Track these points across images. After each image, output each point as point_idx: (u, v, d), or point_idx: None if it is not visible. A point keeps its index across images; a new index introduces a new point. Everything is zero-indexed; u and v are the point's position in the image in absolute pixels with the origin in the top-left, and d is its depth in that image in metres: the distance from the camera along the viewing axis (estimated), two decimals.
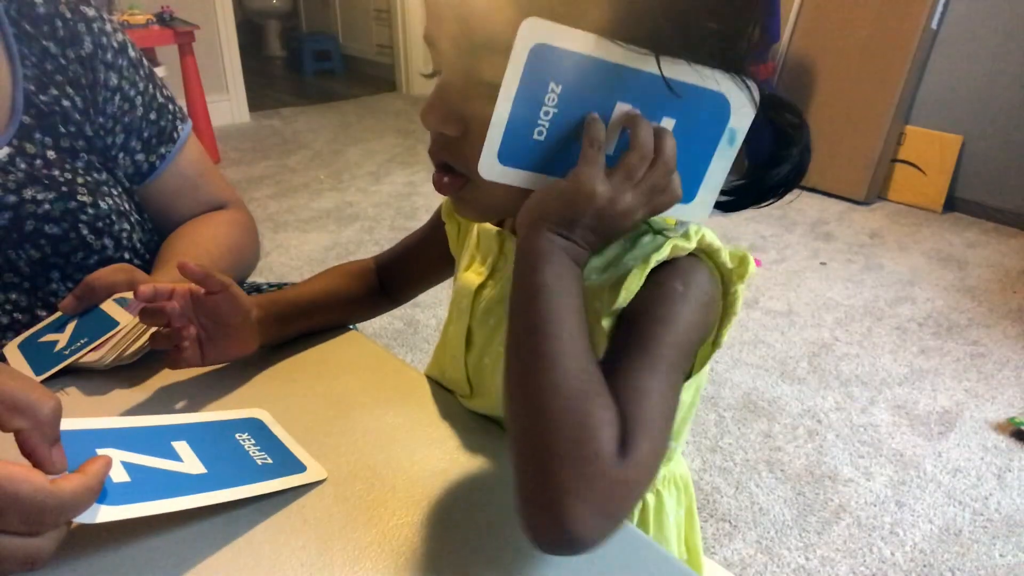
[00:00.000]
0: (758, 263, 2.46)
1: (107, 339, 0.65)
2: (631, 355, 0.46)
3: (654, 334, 0.47)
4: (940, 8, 2.77)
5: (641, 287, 0.50)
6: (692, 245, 0.51)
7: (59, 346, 0.66)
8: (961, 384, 1.84)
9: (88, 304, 0.70)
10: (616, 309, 0.50)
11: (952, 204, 2.93)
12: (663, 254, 0.50)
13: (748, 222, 2.80)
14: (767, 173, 0.53)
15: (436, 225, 0.72)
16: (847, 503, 1.44)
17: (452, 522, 0.50)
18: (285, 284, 0.89)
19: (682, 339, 0.48)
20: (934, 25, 2.80)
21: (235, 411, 0.60)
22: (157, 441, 0.52)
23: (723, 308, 0.54)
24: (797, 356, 1.94)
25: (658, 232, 0.53)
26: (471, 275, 0.62)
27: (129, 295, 0.70)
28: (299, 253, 2.50)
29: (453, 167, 0.51)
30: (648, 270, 0.49)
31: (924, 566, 1.30)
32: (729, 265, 0.53)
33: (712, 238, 0.53)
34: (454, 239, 0.68)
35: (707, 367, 0.57)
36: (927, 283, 2.36)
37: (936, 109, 2.90)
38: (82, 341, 0.65)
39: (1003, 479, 1.52)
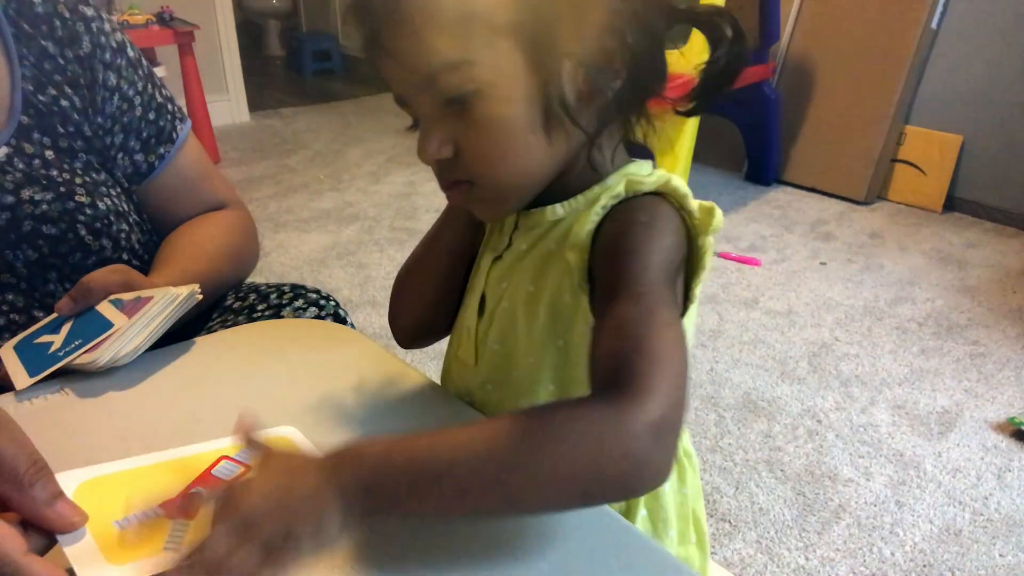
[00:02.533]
0: (758, 263, 2.46)
1: (101, 340, 0.65)
2: (617, 298, 0.48)
3: (629, 268, 0.49)
4: (940, 8, 2.77)
5: (608, 229, 0.52)
6: (650, 181, 0.53)
7: (54, 347, 0.66)
8: (961, 384, 1.84)
9: (84, 305, 0.69)
10: (575, 243, 0.53)
11: (952, 204, 2.93)
12: (616, 190, 0.53)
13: (748, 222, 2.80)
14: (709, 67, 0.55)
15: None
16: (847, 503, 1.44)
17: (452, 521, 0.50)
18: (284, 284, 0.89)
19: (658, 263, 0.49)
20: (934, 25, 2.80)
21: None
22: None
23: (692, 261, 0.55)
24: (797, 356, 1.94)
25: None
26: (488, 253, 0.64)
27: (125, 296, 0.69)
28: (299, 253, 2.50)
29: (459, 180, 0.55)
30: (600, 205, 0.53)
31: (924, 566, 1.30)
32: (696, 213, 0.54)
33: (679, 183, 0.54)
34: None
35: (690, 327, 0.57)
36: (927, 283, 2.36)
37: (936, 109, 2.90)
38: (77, 343, 0.65)
39: (1003, 479, 1.52)
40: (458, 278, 0.68)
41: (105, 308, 0.69)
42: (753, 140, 3.14)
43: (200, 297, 0.70)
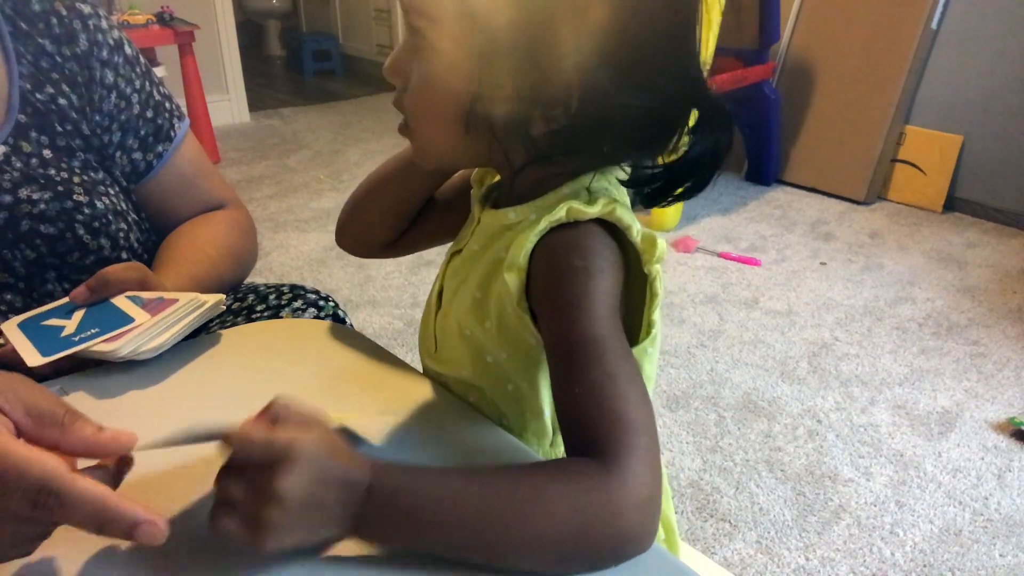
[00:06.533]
0: (758, 263, 2.46)
1: (124, 331, 0.65)
2: (576, 363, 0.48)
3: (578, 326, 0.49)
4: (940, 8, 2.77)
5: (543, 264, 0.52)
6: (592, 211, 0.52)
7: (66, 332, 0.66)
8: (961, 384, 1.84)
9: (99, 297, 0.69)
10: (512, 263, 0.53)
11: (952, 204, 2.93)
12: (556, 215, 0.52)
13: (748, 222, 2.80)
14: (681, 158, 0.54)
15: (461, 191, 0.72)
16: (847, 503, 1.44)
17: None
18: (283, 285, 0.89)
19: (602, 312, 0.50)
20: (934, 25, 2.79)
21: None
22: None
23: (645, 289, 0.55)
24: (797, 356, 1.94)
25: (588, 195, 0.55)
26: (451, 244, 0.66)
27: (145, 295, 0.70)
28: (299, 253, 2.50)
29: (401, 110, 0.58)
30: (538, 229, 0.52)
31: (924, 566, 1.30)
32: (638, 244, 0.53)
33: (623, 214, 0.53)
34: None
35: (649, 347, 0.57)
36: (927, 283, 2.36)
37: (936, 109, 2.90)
38: (93, 331, 0.65)
39: (1003, 479, 1.52)
40: (417, 202, 0.71)
41: (122, 303, 0.69)
42: (753, 140, 3.14)
43: (224, 308, 0.70)
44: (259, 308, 0.85)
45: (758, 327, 2.08)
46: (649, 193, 0.57)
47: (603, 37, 0.49)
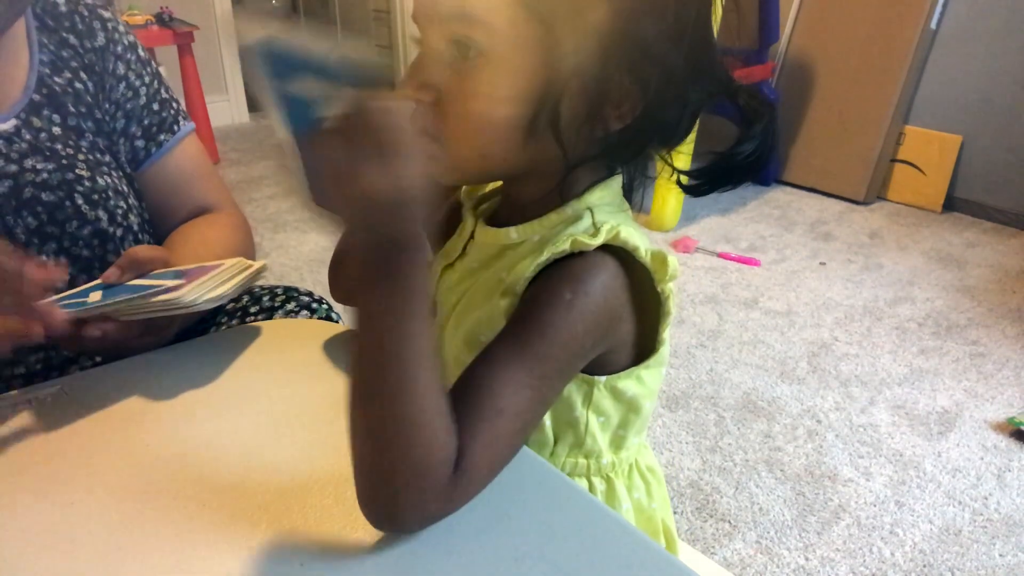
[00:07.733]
0: (757, 263, 2.46)
1: (176, 286, 0.64)
2: (506, 363, 0.48)
3: (530, 343, 0.49)
4: (940, 8, 2.77)
5: (536, 281, 0.51)
6: (596, 242, 0.51)
7: (91, 299, 0.65)
8: (961, 384, 1.84)
9: (131, 276, 0.69)
10: (509, 289, 0.52)
11: (951, 204, 2.93)
12: (560, 247, 0.51)
13: (748, 222, 2.80)
14: (731, 153, 0.54)
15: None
16: (847, 503, 1.44)
17: (451, 521, 0.50)
18: (277, 287, 0.89)
19: (560, 352, 0.49)
20: (934, 25, 2.80)
21: None
22: None
23: (657, 306, 0.55)
24: (797, 356, 1.94)
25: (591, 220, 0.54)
26: (442, 258, 0.64)
27: (182, 268, 0.70)
28: (298, 253, 2.50)
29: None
30: (540, 260, 0.51)
31: (924, 566, 1.30)
32: (648, 264, 0.53)
33: (629, 235, 0.52)
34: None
35: (657, 364, 0.57)
36: (926, 283, 2.36)
37: (935, 109, 2.90)
38: (122, 296, 0.64)
39: (1003, 479, 1.52)
40: None
41: (155, 275, 0.68)
42: None
43: (265, 275, 0.73)
44: (253, 310, 0.86)
45: (758, 327, 2.08)
46: (695, 185, 0.57)
47: (667, 26, 0.49)
